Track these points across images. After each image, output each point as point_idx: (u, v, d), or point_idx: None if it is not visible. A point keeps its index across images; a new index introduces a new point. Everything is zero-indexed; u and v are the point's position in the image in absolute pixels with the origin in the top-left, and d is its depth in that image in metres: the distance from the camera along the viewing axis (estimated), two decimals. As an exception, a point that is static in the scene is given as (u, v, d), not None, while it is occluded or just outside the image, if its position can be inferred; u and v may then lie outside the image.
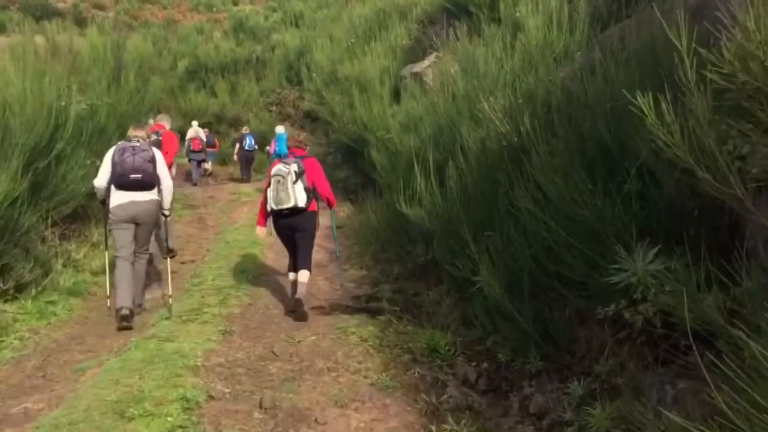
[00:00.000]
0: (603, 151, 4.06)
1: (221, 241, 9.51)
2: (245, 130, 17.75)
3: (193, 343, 5.00)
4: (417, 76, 11.59)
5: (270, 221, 6.41)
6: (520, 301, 4.37)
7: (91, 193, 8.39)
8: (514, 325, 4.44)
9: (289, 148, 6.70)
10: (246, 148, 17.01)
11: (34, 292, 6.09)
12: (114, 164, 5.95)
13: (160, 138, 8.30)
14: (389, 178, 9.08)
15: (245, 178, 17.20)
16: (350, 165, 13.46)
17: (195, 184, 16.01)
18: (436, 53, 11.63)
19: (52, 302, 6.20)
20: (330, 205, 6.74)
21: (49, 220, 7.12)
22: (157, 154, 6.22)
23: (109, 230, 6.24)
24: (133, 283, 5.93)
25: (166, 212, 6.53)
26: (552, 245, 4.11)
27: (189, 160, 16.35)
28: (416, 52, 13.03)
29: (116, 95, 11.00)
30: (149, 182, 6.02)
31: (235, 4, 39.89)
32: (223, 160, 19.51)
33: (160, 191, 6.20)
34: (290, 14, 31.73)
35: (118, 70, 11.35)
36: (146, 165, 5.97)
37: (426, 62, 11.86)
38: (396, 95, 11.85)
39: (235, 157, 17.49)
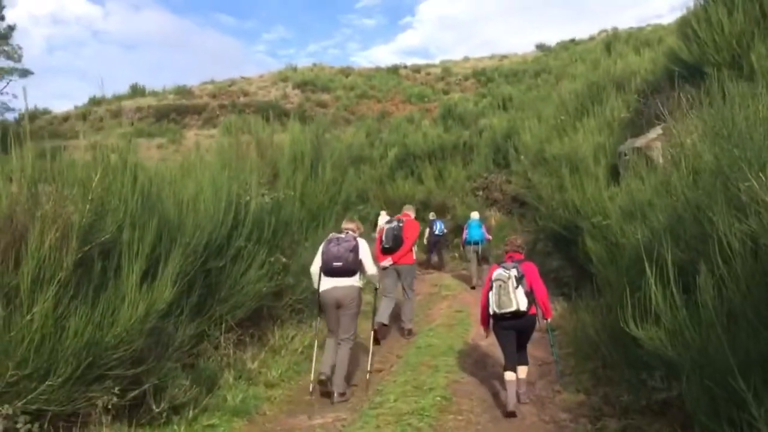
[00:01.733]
0: None
1: (413, 346, 8.32)
2: (432, 216, 17.47)
3: None
4: (640, 152, 9.81)
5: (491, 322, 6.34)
6: None
7: (275, 293, 7.76)
8: None
9: (506, 252, 6.63)
10: (436, 233, 16.77)
11: (192, 413, 5.28)
12: (322, 253, 6.56)
13: (402, 225, 9.15)
14: (609, 275, 7.37)
15: (436, 263, 17.09)
16: (561, 254, 11.78)
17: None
18: (662, 124, 9.83)
19: (212, 426, 5.34)
20: (545, 315, 6.38)
21: (224, 326, 6.45)
22: (361, 243, 6.66)
23: (319, 314, 6.78)
24: (335, 356, 6.39)
25: (378, 286, 7.54)
26: None
27: None
28: (637, 125, 11.26)
29: (312, 187, 10.62)
30: (349, 269, 6.47)
31: (446, 93, 40.51)
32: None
33: (363, 278, 6.76)
34: (499, 98, 31.17)
35: (316, 162, 11.02)
36: (347, 254, 6.45)
37: (651, 134, 10.05)
38: (614, 175, 10.12)
39: (425, 241, 16.77)
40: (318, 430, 5.49)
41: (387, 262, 8.93)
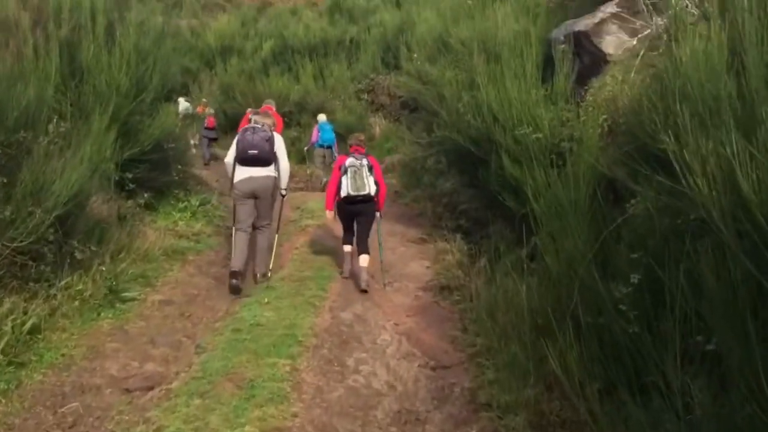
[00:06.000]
0: None
1: (229, 327, 4.79)
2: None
3: None
4: (586, 38, 6.58)
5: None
6: None
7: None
8: None
9: (350, 146, 6.57)
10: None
11: None
12: (237, 142, 6.20)
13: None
14: (554, 223, 4.22)
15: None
16: (463, 176, 8.46)
17: (206, 163, 13.95)
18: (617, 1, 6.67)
19: None
20: (379, 206, 6.43)
21: None
22: (277, 137, 6.37)
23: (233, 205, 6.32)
24: (246, 251, 6.09)
25: (284, 192, 6.63)
26: None
27: (201, 138, 14.79)
28: (571, 9, 7.99)
29: (107, 60, 6.64)
30: (265, 159, 6.16)
31: (336, -14, 35.52)
32: (302, 159, 14.78)
33: (278, 170, 6.33)
34: (392, -7, 26.94)
35: (113, 28, 6.97)
36: (263, 143, 6.15)
37: (599, 15, 6.77)
38: (547, 70, 6.82)
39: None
40: None
41: None
